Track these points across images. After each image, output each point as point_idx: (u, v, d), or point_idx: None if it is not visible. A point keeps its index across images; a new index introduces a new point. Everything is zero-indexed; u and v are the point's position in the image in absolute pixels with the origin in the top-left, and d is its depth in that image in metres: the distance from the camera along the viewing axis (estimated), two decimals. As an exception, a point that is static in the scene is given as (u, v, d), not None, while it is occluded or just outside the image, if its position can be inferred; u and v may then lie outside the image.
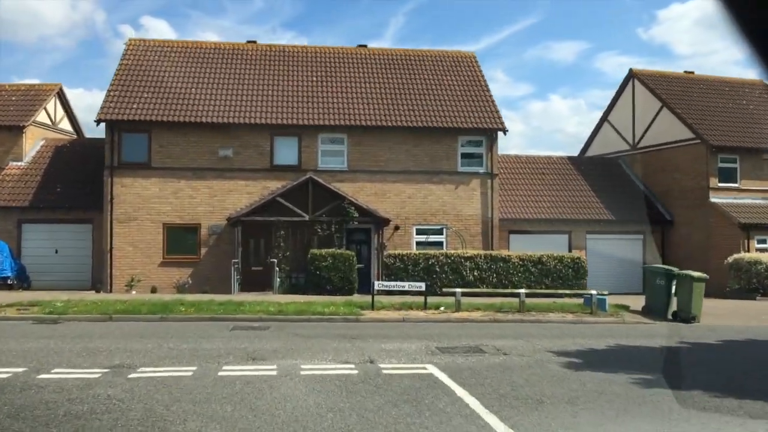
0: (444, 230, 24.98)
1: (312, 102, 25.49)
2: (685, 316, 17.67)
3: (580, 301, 19.04)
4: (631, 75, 31.43)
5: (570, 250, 26.47)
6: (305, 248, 23.02)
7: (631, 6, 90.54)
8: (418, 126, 24.92)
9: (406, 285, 17.76)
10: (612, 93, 33.10)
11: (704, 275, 17.97)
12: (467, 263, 21.42)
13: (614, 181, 30.53)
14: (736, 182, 27.53)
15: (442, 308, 17.91)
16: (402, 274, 21.46)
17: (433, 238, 24.84)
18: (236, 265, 22.19)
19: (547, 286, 21.64)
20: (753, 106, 30.41)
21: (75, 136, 30.42)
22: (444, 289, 17.91)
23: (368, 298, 17.89)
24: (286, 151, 24.64)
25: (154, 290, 22.14)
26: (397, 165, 25.01)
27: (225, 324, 15.26)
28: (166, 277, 23.07)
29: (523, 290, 17.87)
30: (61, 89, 30.03)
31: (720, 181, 27.27)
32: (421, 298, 18.48)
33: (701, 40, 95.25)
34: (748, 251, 25.57)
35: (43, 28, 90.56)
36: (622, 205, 28.75)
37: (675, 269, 18.70)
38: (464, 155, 25.54)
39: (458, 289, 17.54)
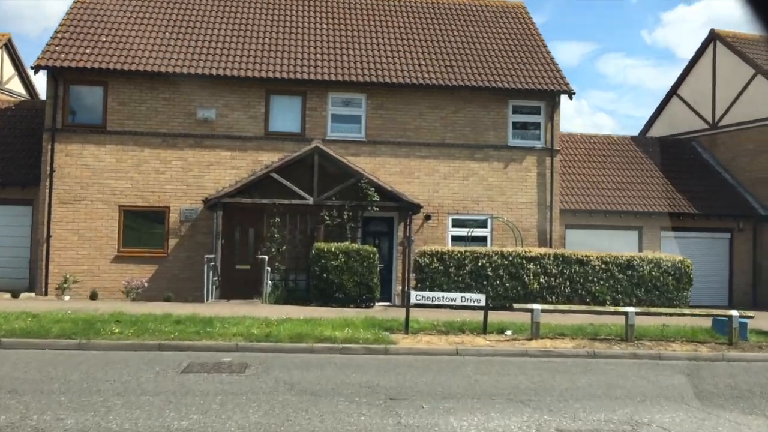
0: (489, 221, 19.17)
1: (321, 52, 19.67)
2: None
3: (704, 323, 13.21)
4: (713, 37, 25.48)
5: (640, 250, 20.64)
6: (308, 241, 17.24)
7: (636, 8, 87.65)
8: (457, 85, 19.08)
9: (458, 297, 11.93)
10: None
11: None
12: (530, 266, 15.62)
13: (690, 166, 24.65)
14: None
15: (508, 333, 12.10)
16: (440, 279, 15.67)
17: (476, 232, 19.03)
18: (213, 263, 16.37)
19: (639, 299, 15.81)
20: None
21: (27, 98, 24.61)
22: (515, 305, 12.01)
23: (394, 313, 12.16)
24: (285, 115, 18.83)
25: (93, 296, 16.33)
26: (430, 136, 19.20)
27: (176, 358, 9.46)
28: (120, 278, 17.26)
29: (631, 308, 12.03)
30: (9, 41, 24.27)
31: (836, 166, 21.42)
32: (470, 314, 12.72)
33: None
34: None
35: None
36: (702, 196, 22.88)
37: None
38: (516, 125, 19.70)
39: (536, 306, 11.71)
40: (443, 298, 11.92)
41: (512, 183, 19.43)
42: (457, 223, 19.21)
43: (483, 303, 12.00)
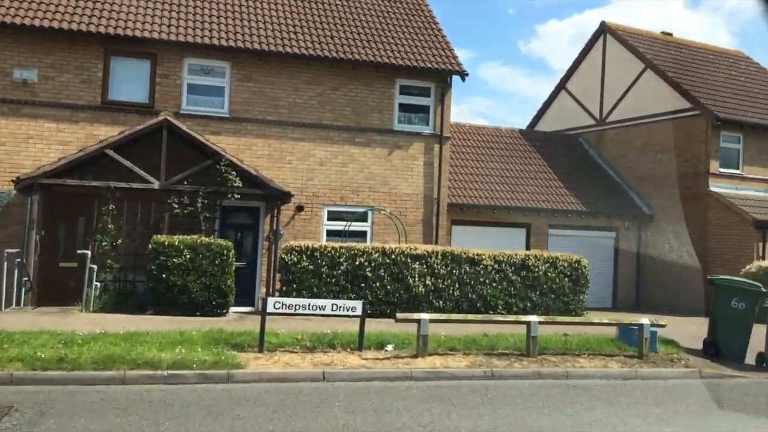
0: (370, 214, 16.92)
1: (178, 9, 16.56)
2: (781, 361, 10.69)
3: (607, 331, 11.58)
4: (603, 30, 24.72)
5: (527, 248, 19.25)
6: (152, 234, 14.12)
7: (513, 19, 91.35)
8: (337, 58, 16.63)
9: (328, 305, 9.46)
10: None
11: (818, 296, 11.09)
12: (416, 265, 13.45)
13: (577, 163, 23.74)
14: (738, 168, 21.41)
15: (389, 348, 9.82)
16: (310, 280, 13.13)
17: (354, 226, 16.70)
18: (20, 261, 12.89)
19: (533, 303, 14.09)
20: (743, 78, 24.64)
21: None
22: (398, 315, 9.61)
23: (251, 323, 9.57)
24: (129, 81, 15.57)
25: None
26: (305, 115, 16.66)
27: None
28: None
29: (534, 317, 10.09)
30: None
31: (721, 166, 21.04)
32: (345, 323, 10.33)
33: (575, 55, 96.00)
34: (763, 257, 19.43)
35: None
36: (589, 194, 21.94)
37: (760, 285, 11.71)
38: (404, 107, 17.56)
39: (424, 315, 9.49)
40: (309, 306, 9.41)
41: (397, 172, 17.28)
42: (333, 216, 16.80)
43: (359, 312, 9.63)
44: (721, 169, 20.95)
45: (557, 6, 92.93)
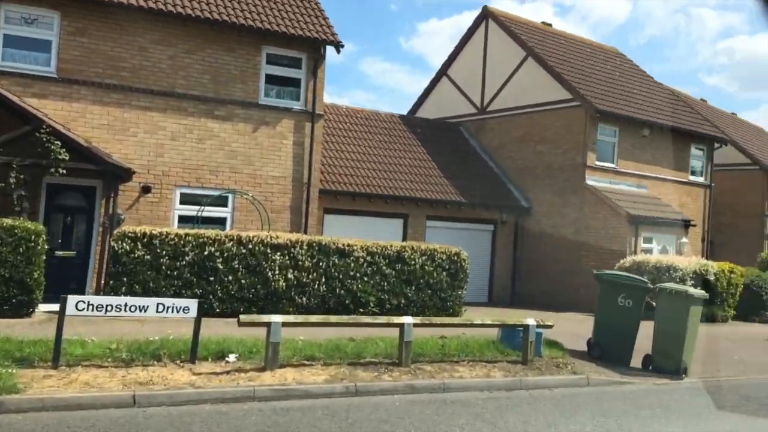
0: (231, 199, 14.86)
1: (-10, -59, 13.62)
2: (667, 364, 9.93)
3: (487, 332, 10.33)
4: (486, 15, 23.92)
5: (404, 240, 17.99)
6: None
7: (395, 15, 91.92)
8: (193, 15, 14.36)
9: (151, 304, 7.43)
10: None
11: (704, 293, 10.40)
12: (277, 256, 11.57)
13: (457, 152, 22.83)
14: (613, 162, 21.29)
15: (231, 358, 7.95)
16: (147, 273, 10.92)
17: (210, 211, 14.58)
18: None
19: (409, 299, 12.66)
20: (619, 73, 24.78)
21: None
22: (241, 318, 7.69)
23: (67, 326, 7.29)
24: (-76, 25, 12.55)
25: None
26: (154, 81, 14.29)
27: None
28: None
29: (408, 319, 8.58)
30: None
31: (598, 159, 20.80)
32: (181, 327, 8.37)
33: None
34: (635, 252, 19.33)
35: None
36: (469, 184, 21.05)
37: (647, 281, 10.93)
38: (272, 79, 15.60)
39: (275, 318, 7.70)
40: (127, 306, 7.34)
41: (263, 151, 15.32)
42: (188, 199, 14.57)
43: (193, 313, 7.67)
44: (598, 163, 20.72)
45: (438, 5, 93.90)
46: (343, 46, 15.87)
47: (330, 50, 16.12)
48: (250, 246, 11.41)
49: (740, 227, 27.50)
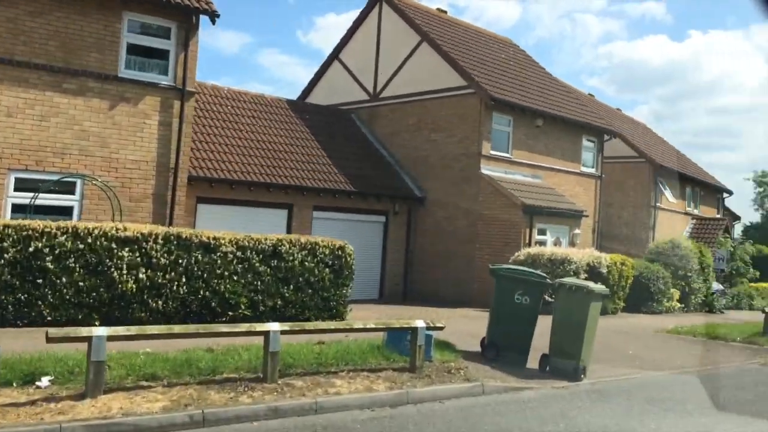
0: (79, 185, 12.78)
1: None
2: (565, 365, 9.10)
3: (373, 335, 9.09)
4: (379, -3, 22.78)
5: (289, 233, 16.56)
6: None
7: (292, 8, 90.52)
8: (35, -29, 12.19)
9: None
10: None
11: (604, 288, 9.65)
12: (125, 253, 9.70)
13: (348, 140, 21.57)
14: (507, 152, 20.73)
15: (44, 382, 6.22)
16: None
17: (52, 199, 12.44)
18: None
19: (286, 300, 11.18)
20: (513, 63, 24.37)
21: None
22: (50, 332, 5.94)
23: None
24: None
25: None
26: (-16, 44, 12.00)
27: None
28: None
29: (274, 325, 7.14)
30: None
31: (492, 149, 20.15)
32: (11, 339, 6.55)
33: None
34: (530, 244, 18.81)
35: None
36: (360, 174, 19.85)
37: (545, 276, 10.05)
38: (135, 50, 13.59)
39: (98, 331, 6.05)
40: None
41: (121, 131, 13.32)
42: (25, 186, 12.37)
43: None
44: (492, 152, 20.08)
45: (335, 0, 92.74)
46: (218, 16, 14.11)
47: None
48: (90, 240, 9.51)
49: (627, 218, 28.10)
